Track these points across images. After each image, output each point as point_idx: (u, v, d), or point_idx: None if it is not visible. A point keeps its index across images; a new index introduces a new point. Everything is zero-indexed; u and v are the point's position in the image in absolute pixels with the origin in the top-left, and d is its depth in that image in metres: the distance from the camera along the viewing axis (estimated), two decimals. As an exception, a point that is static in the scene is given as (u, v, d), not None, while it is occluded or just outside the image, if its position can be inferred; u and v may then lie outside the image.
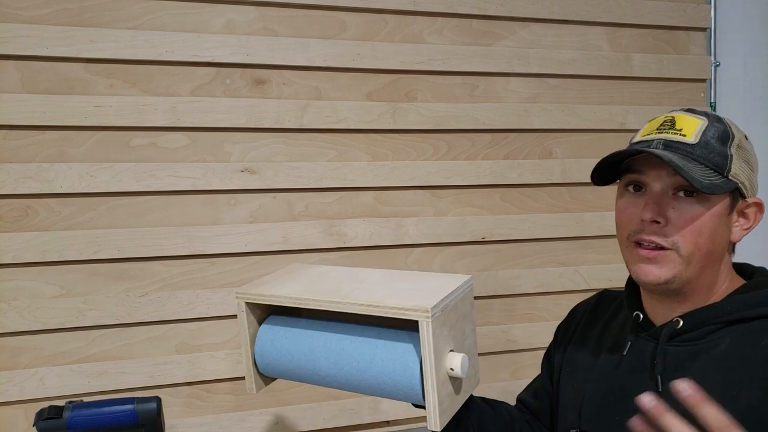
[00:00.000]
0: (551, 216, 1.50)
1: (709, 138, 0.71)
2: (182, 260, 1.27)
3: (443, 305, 0.70)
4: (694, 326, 0.74)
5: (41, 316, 1.20)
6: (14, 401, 1.19)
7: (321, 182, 1.34)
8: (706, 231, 0.70)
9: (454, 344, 0.73)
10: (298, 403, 1.34)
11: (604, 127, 1.53)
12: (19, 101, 1.18)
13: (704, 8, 1.62)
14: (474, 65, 1.44)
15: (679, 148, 0.71)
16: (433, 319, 0.68)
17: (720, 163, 0.70)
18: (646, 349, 0.78)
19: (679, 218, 0.71)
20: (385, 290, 0.75)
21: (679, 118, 0.74)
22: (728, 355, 0.70)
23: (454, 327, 0.73)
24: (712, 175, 0.70)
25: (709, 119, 0.73)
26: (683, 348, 0.74)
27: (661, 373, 0.74)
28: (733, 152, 0.71)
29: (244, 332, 0.82)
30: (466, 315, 0.76)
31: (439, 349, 0.70)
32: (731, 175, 0.70)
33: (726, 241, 0.74)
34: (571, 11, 1.51)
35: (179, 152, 1.27)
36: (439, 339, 0.69)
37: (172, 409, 1.26)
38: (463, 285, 0.75)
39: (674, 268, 0.72)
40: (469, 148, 1.45)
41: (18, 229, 1.19)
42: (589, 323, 0.91)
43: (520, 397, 1.02)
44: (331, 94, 1.36)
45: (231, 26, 1.30)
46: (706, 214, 0.70)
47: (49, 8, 1.19)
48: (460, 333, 0.75)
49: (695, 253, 0.71)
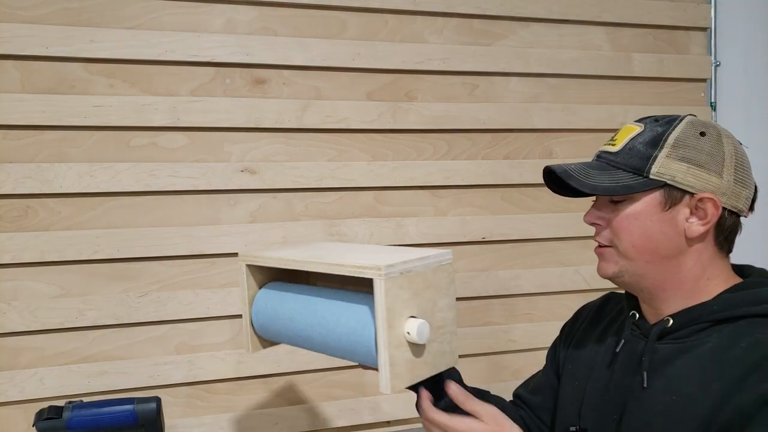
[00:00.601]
0: (551, 216, 1.50)
1: (637, 143, 0.77)
2: (182, 260, 1.27)
3: (403, 268, 0.72)
4: (682, 325, 0.76)
5: (41, 316, 1.19)
6: (14, 401, 1.19)
7: (321, 182, 1.34)
8: (634, 228, 0.76)
9: (418, 312, 0.74)
10: (298, 403, 1.34)
11: (604, 127, 1.53)
12: (19, 101, 1.18)
13: (704, 8, 1.62)
14: (474, 65, 1.44)
15: (604, 158, 0.80)
16: (386, 278, 0.70)
17: (639, 165, 0.76)
18: (637, 347, 0.81)
19: (612, 219, 0.78)
20: (358, 255, 0.79)
21: (622, 129, 0.81)
22: (711, 352, 0.73)
23: (419, 294, 0.74)
24: (626, 177, 0.76)
25: (651, 125, 0.78)
26: (671, 345, 0.77)
27: (647, 369, 0.77)
28: (660, 153, 0.75)
29: (243, 293, 0.89)
30: (439, 288, 0.77)
31: (395, 310, 0.72)
32: (653, 175, 0.74)
33: (674, 238, 0.76)
34: (571, 11, 1.51)
35: (179, 152, 1.27)
36: (396, 301, 0.72)
37: (172, 409, 1.26)
38: (436, 256, 0.77)
39: (617, 263, 0.79)
40: (469, 148, 1.45)
41: (18, 229, 1.19)
42: (592, 323, 0.94)
43: (517, 393, 1.03)
44: (331, 93, 1.36)
45: (231, 26, 1.30)
46: (630, 212, 0.76)
47: (49, 8, 1.19)
48: (429, 303, 0.76)
49: (630, 249, 0.77)
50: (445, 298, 0.78)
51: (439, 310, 0.77)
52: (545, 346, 1.50)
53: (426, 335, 0.73)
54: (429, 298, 0.76)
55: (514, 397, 1.02)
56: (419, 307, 0.75)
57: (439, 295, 0.77)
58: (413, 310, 0.74)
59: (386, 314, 0.71)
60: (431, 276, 0.76)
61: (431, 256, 0.76)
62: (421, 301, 0.75)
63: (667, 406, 0.73)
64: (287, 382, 1.34)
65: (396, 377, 0.73)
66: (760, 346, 0.70)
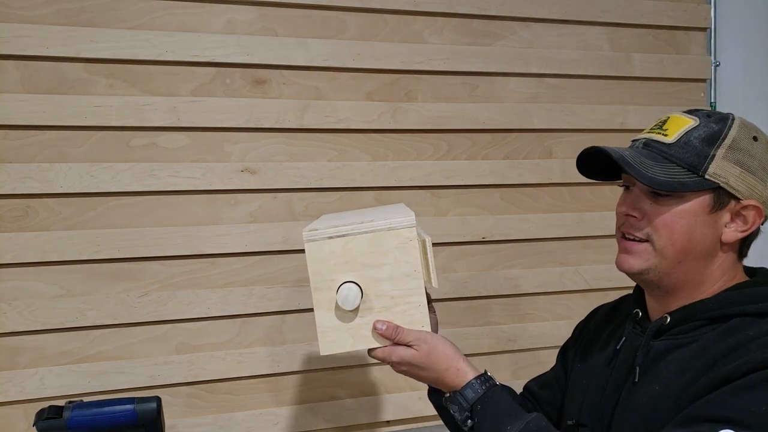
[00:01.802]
0: (551, 216, 1.50)
1: (693, 138, 0.73)
2: (182, 260, 1.27)
3: (332, 233, 0.74)
4: (678, 322, 0.77)
5: (41, 316, 1.19)
6: (14, 401, 1.19)
7: (321, 182, 1.34)
8: (678, 226, 0.73)
9: (356, 277, 0.74)
10: (298, 403, 1.34)
11: (604, 127, 1.53)
12: (19, 101, 1.18)
13: (704, 8, 1.62)
14: (474, 65, 1.44)
15: (655, 147, 0.75)
16: (308, 242, 0.74)
17: (695, 162, 0.72)
18: (635, 344, 0.81)
19: (654, 213, 0.75)
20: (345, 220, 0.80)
21: (671, 119, 0.77)
22: (702, 348, 0.73)
23: (357, 261, 0.74)
24: (681, 173, 0.72)
25: (704, 120, 0.75)
26: (667, 342, 0.77)
27: (640, 365, 0.77)
28: (718, 153, 0.72)
29: None
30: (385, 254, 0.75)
31: (320, 273, 0.74)
32: (708, 175, 0.72)
33: (711, 241, 0.75)
34: (571, 11, 1.51)
35: (179, 152, 1.27)
36: (322, 264, 0.74)
37: (172, 409, 1.26)
38: (382, 221, 0.75)
39: (648, 260, 0.76)
40: (469, 148, 1.45)
41: (18, 229, 1.19)
42: (604, 323, 0.94)
43: (528, 385, 1.04)
44: (331, 94, 1.36)
45: (231, 26, 1.30)
46: (678, 210, 0.73)
47: (49, 8, 1.19)
48: (371, 270, 0.75)
49: (668, 247, 0.74)
50: (394, 267, 0.76)
51: (393, 279, 0.75)
52: (545, 345, 1.51)
53: (351, 302, 0.73)
54: (373, 264, 0.75)
55: (524, 389, 1.04)
56: (359, 273, 0.74)
57: (390, 261, 0.75)
58: (349, 275, 0.74)
59: (311, 276, 0.74)
60: (371, 242, 0.74)
61: (374, 221, 0.75)
62: (362, 267, 0.74)
63: (650, 397, 0.74)
64: (287, 382, 1.34)
65: (325, 339, 0.75)
66: (740, 342, 0.70)
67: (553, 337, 1.49)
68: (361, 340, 0.76)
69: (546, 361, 1.47)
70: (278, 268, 1.32)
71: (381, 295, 0.75)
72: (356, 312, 0.75)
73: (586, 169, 0.83)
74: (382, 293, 0.75)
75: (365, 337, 0.76)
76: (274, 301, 1.31)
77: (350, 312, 0.75)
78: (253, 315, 1.31)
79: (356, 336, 0.76)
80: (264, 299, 1.31)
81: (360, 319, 0.75)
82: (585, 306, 1.52)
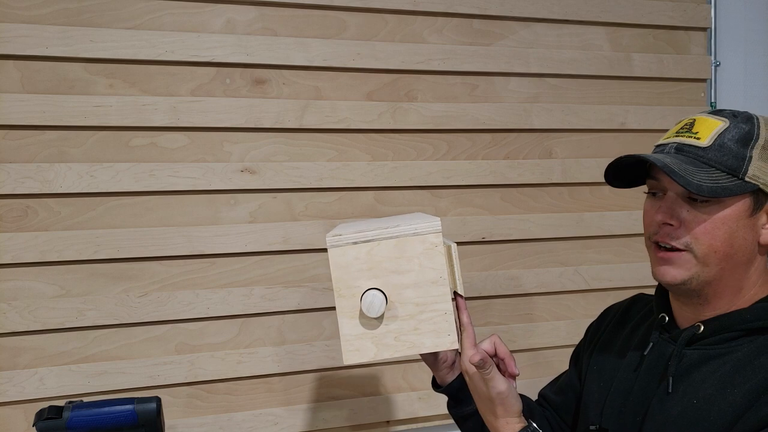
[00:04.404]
0: (551, 216, 1.50)
1: (726, 140, 0.71)
2: (182, 260, 1.27)
3: (356, 238, 0.72)
4: (713, 332, 0.74)
5: (41, 316, 1.19)
6: (14, 401, 1.19)
7: (321, 182, 1.34)
8: (720, 233, 0.71)
9: (381, 284, 0.73)
10: (298, 403, 1.34)
11: (604, 127, 1.53)
12: (19, 101, 1.18)
13: (704, 8, 1.62)
14: (474, 65, 1.44)
15: (691, 152, 0.72)
16: (331, 247, 0.72)
17: (734, 165, 0.70)
18: (665, 352, 0.79)
19: (693, 221, 0.72)
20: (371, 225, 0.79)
21: (698, 121, 0.75)
22: (739, 361, 0.71)
23: (381, 267, 0.72)
24: (722, 177, 0.70)
25: (732, 120, 0.73)
26: (700, 352, 0.75)
27: (673, 374, 0.75)
28: (753, 153, 0.71)
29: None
30: (409, 261, 0.74)
31: (343, 280, 0.73)
32: (748, 177, 0.70)
33: (751, 244, 0.73)
34: (571, 11, 1.51)
35: (179, 152, 1.27)
36: (345, 271, 0.72)
37: (172, 409, 1.26)
38: (408, 227, 0.74)
39: (690, 269, 0.73)
40: (469, 148, 1.45)
41: (18, 229, 1.19)
42: (619, 324, 0.92)
43: (542, 392, 1.03)
44: (331, 93, 1.36)
45: (231, 26, 1.30)
46: (719, 216, 0.71)
47: (48, 8, 1.19)
48: (394, 277, 0.73)
49: (710, 255, 0.72)
50: (419, 273, 0.74)
51: (418, 286, 0.73)
52: (545, 346, 1.51)
53: (377, 309, 0.71)
54: (398, 270, 0.73)
55: (540, 396, 1.02)
56: (382, 279, 0.72)
57: (415, 267, 0.73)
58: (373, 282, 0.72)
59: (335, 283, 0.72)
60: (396, 248, 0.73)
61: (400, 226, 0.73)
62: (385, 274, 0.73)
63: (685, 409, 0.72)
64: (287, 382, 1.34)
65: (352, 349, 0.73)
66: None
67: (553, 337, 1.49)
68: (384, 349, 0.74)
69: (546, 361, 1.48)
70: (278, 268, 1.32)
71: (406, 302, 0.73)
72: (380, 320, 0.73)
73: (613, 176, 0.81)
74: (406, 300, 0.73)
75: (389, 346, 0.74)
76: (274, 301, 1.31)
77: (374, 320, 0.73)
78: (253, 315, 1.31)
79: (380, 345, 0.73)
80: (264, 299, 1.31)
81: (384, 327, 0.73)
82: (585, 306, 1.53)
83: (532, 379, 1.41)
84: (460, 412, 0.91)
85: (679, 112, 1.59)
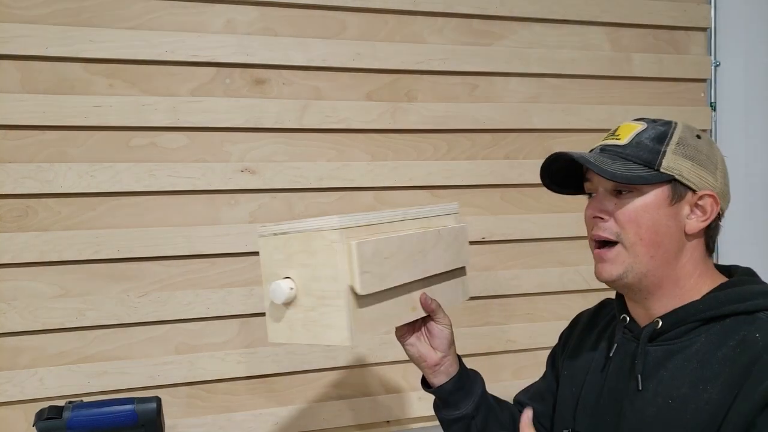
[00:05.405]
0: (551, 216, 1.50)
1: (643, 138, 0.78)
2: (182, 260, 1.27)
3: (276, 230, 0.79)
4: (672, 326, 0.77)
5: (41, 316, 1.19)
6: (14, 401, 1.19)
7: (321, 182, 1.34)
8: (644, 221, 0.76)
9: (294, 274, 0.78)
10: (298, 403, 1.34)
11: (604, 127, 1.53)
12: (19, 101, 1.18)
13: (704, 8, 1.62)
14: (474, 65, 1.44)
15: (611, 150, 0.79)
16: (259, 237, 0.80)
17: (649, 158, 0.76)
18: (629, 350, 0.81)
19: (620, 212, 0.78)
20: None
21: (622, 126, 0.82)
22: (700, 352, 0.74)
23: (294, 258, 0.78)
24: (638, 168, 0.76)
25: (651, 124, 0.80)
26: (663, 347, 0.78)
27: (641, 372, 0.78)
28: (668, 149, 0.76)
29: None
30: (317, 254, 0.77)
31: (268, 268, 0.80)
32: (663, 168, 0.76)
33: (677, 233, 0.77)
34: (571, 11, 1.51)
35: (179, 152, 1.27)
36: (269, 259, 0.80)
37: (172, 409, 1.26)
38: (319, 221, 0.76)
39: (624, 263, 0.78)
40: (469, 148, 1.45)
41: (18, 229, 1.19)
42: (588, 329, 0.95)
43: (518, 399, 1.03)
44: (331, 93, 1.36)
45: (231, 26, 1.30)
46: (641, 204, 0.76)
47: (48, 8, 1.19)
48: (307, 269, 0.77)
49: (638, 244, 0.77)
50: (320, 268, 0.76)
51: (319, 279, 0.77)
52: (544, 346, 1.50)
53: (279, 297, 0.77)
54: (305, 263, 0.77)
55: (515, 403, 1.03)
56: (295, 270, 0.78)
57: (318, 262, 0.76)
58: (288, 271, 0.78)
59: (262, 269, 0.80)
60: (303, 242, 0.77)
61: (315, 221, 0.77)
62: (295, 265, 0.78)
63: (661, 410, 0.74)
64: (287, 382, 1.34)
65: (271, 330, 0.81)
66: (747, 344, 0.71)
67: (553, 337, 1.48)
68: (295, 335, 0.80)
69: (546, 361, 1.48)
70: (278, 268, 1.32)
71: (310, 294, 0.78)
72: (288, 306, 0.80)
73: (549, 179, 0.86)
74: (310, 292, 0.78)
75: (299, 332, 0.80)
76: (274, 301, 1.31)
77: (282, 306, 0.80)
78: (252, 315, 1.31)
79: (292, 329, 0.80)
80: (264, 299, 1.30)
81: (293, 315, 0.79)
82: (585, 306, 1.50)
83: (532, 380, 1.40)
84: (448, 416, 0.91)
85: (680, 112, 1.59)
